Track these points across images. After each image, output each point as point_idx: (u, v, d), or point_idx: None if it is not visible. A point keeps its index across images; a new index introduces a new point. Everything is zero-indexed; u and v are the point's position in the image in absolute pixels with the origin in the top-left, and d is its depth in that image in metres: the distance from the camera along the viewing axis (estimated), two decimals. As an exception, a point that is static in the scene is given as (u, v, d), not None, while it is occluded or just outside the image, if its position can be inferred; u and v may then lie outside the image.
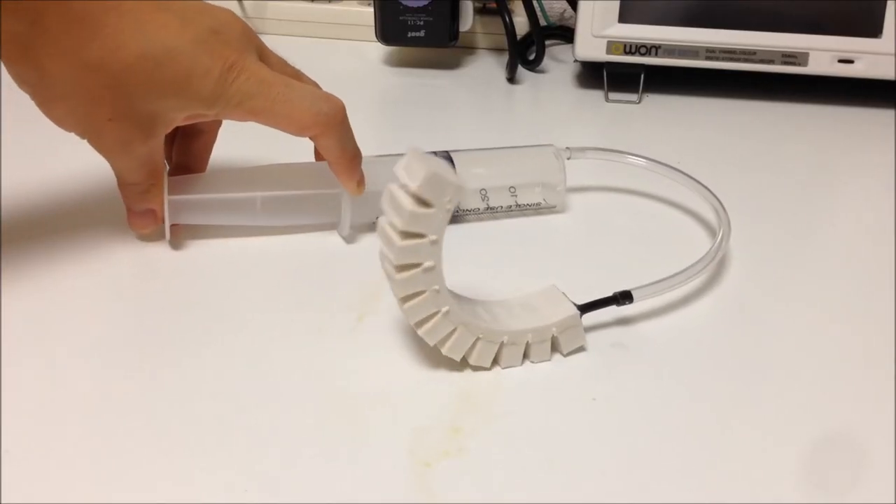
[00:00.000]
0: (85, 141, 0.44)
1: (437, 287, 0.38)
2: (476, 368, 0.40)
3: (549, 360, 0.41)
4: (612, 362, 0.41)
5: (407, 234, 0.37)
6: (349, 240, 0.50)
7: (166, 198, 0.46)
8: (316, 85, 0.49)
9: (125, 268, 0.47)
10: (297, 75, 0.48)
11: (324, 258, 0.49)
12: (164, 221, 0.47)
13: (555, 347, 0.41)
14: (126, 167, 0.45)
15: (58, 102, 0.42)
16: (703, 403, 0.39)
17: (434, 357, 0.41)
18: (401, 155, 0.51)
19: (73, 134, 0.44)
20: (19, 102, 0.43)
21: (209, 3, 0.45)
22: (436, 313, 0.38)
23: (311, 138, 0.47)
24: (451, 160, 0.51)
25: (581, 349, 0.42)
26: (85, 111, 0.42)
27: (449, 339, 0.39)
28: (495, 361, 0.40)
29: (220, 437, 0.36)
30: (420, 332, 0.39)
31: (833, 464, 0.37)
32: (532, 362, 0.41)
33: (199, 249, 0.48)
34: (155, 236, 0.49)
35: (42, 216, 0.51)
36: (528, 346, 0.40)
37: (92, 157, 0.45)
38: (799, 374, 0.41)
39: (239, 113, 0.45)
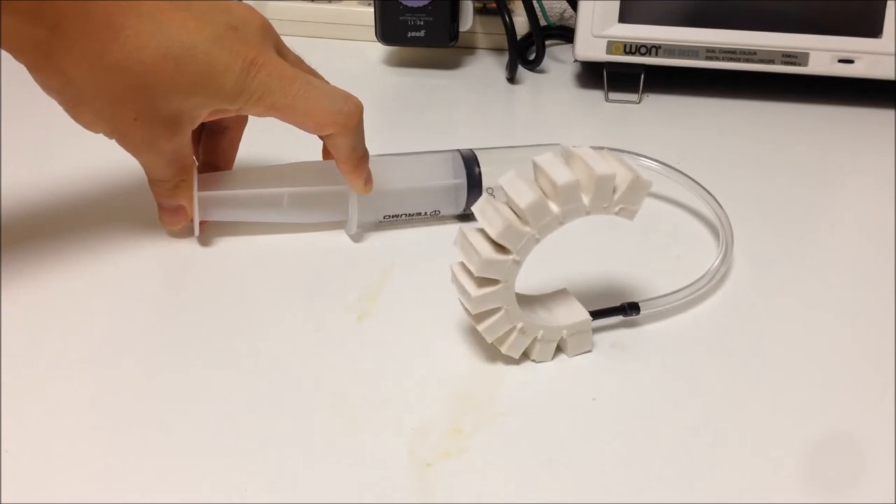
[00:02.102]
0: (113, 140, 0.44)
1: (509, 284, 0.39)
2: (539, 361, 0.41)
3: (551, 360, 0.41)
4: (612, 362, 0.41)
5: (497, 246, 0.38)
6: (356, 238, 0.50)
7: (196, 194, 0.47)
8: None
9: (128, 267, 0.47)
10: (313, 73, 0.48)
11: (327, 257, 0.49)
12: (193, 218, 0.47)
13: (559, 349, 0.41)
14: (154, 164, 0.46)
15: (84, 107, 0.42)
16: (703, 404, 0.39)
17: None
18: (402, 154, 0.52)
19: (101, 134, 0.44)
20: (18, 101, 0.43)
21: (231, 3, 0.45)
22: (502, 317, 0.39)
23: (323, 136, 0.47)
24: (475, 158, 0.51)
25: (587, 353, 0.42)
26: (110, 113, 0.42)
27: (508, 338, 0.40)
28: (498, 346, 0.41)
29: (220, 437, 0.36)
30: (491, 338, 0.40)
31: (833, 464, 0.37)
32: (534, 361, 0.41)
33: (200, 248, 0.48)
34: (182, 233, 0.49)
35: (66, 212, 0.51)
36: (534, 341, 0.40)
37: (121, 155, 0.45)
38: (800, 375, 0.41)
39: (260, 108, 0.45)
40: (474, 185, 0.50)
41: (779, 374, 0.41)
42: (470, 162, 0.51)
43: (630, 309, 0.43)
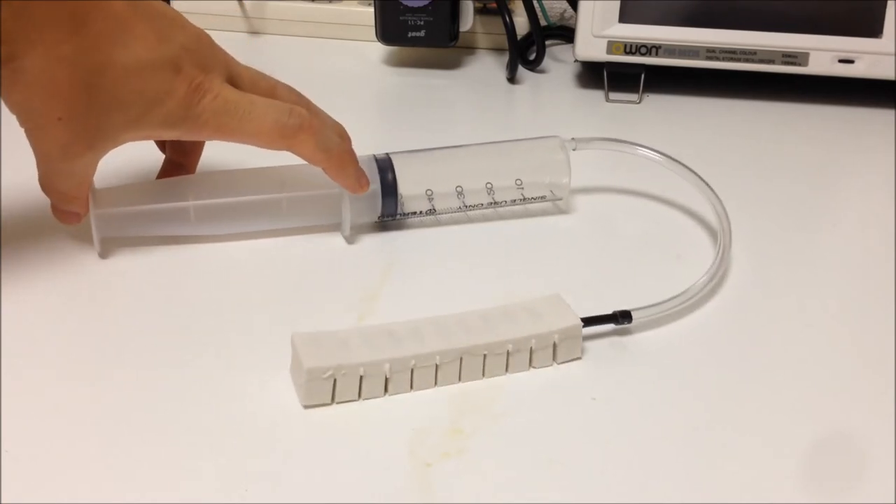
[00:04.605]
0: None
1: (362, 371, 0.38)
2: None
3: (551, 365, 0.41)
4: (611, 363, 0.41)
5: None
6: (350, 240, 0.50)
7: (92, 211, 0.46)
8: (296, 93, 0.49)
9: (128, 267, 0.47)
10: (273, 88, 0.48)
11: (325, 258, 0.49)
12: (89, 226, 0.46)
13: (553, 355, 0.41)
14: (56, 173, 0.44)
15: (19, 87, 0.41)
16: (702, 403, 0.39)
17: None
18: (401, 153, 0.52)
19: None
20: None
21: (185, 19, 0.45)
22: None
23: (288, 150, 0.47)
24: (391, 163, 0.50)
25: (576, 360, 0.42)
26: (41, 103, 0.41)
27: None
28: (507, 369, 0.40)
29: (220, 437, 0.36)
30: (388, 393, 0.39)
31: (833, 464, 0.37)
32: (534, 367, 0.41)
33: (202, 249, 0.48)
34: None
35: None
36: (531, 351, 0.40)
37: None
38: (798, 375, 0.41)
39: (206, 132, 0.45)
40: (389, 192, 0.50)
41: (779, 374, 0.41)
42: (384, 165, 0.50)
43: (622, 318, 0.42)
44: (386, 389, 0.39)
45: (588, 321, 0.42)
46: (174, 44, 0.43)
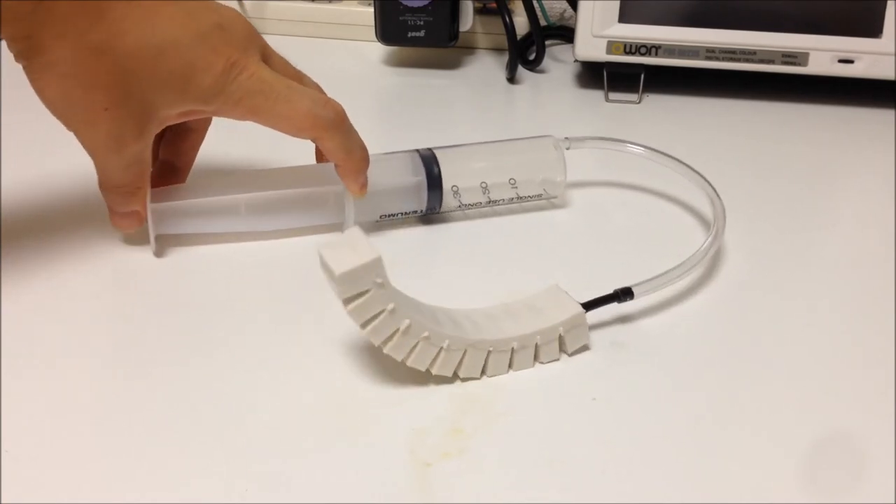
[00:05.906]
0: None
1: (392, 306, 0.37)
2: (465, 379, 0.40)
3: (559, 359, 0.41)
4: (612, 362, 0.41)
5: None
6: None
7: (149, 205, 0.46)
8: (318, 87, 0.49)
9: (131, 267, 0.47)
10: (300, 77, 0.48)
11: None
12: (148, 227, 0.46)
13: (560, 347, 0.41)
14: (113, 166, 0.44)
15: (54, 81, 0.41)
16: (703, 403, 0.39)
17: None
18: (402, 152, 0.52)
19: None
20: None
21: (217, 3, 0.45)
22: (396, 331, 0.38)
23: (312, 140, 0.47)
24: (434, 158, 0.50)
25: (585, 348, 0.42)
26: (82, 96, 0.41)
27: (413, 352, 0.38)
28: (509, 367, 0.40)
29: (220, 438, 0.36)
30: (386, 349, 0.38)
31: (833, 463, 0.37)
32: (541, 363, 0.41)
33: (201, 250, 0.48)
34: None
35: (65, 212, 0.51)
36: (537, 347, 0.40)
37: (77, 159, 0.45)
38: (799, 373, 0.41)
39: (238, 111, 0.45)
40: (434, 184, 0.50)
41: (779, 373, 0.41)
42: (428, 161, 0.50)
43: (623, 294, 0.42)
44: (387, 341, 0.38)
45: (589, 305, 0.42)
46: (206, 22, 0.43)
